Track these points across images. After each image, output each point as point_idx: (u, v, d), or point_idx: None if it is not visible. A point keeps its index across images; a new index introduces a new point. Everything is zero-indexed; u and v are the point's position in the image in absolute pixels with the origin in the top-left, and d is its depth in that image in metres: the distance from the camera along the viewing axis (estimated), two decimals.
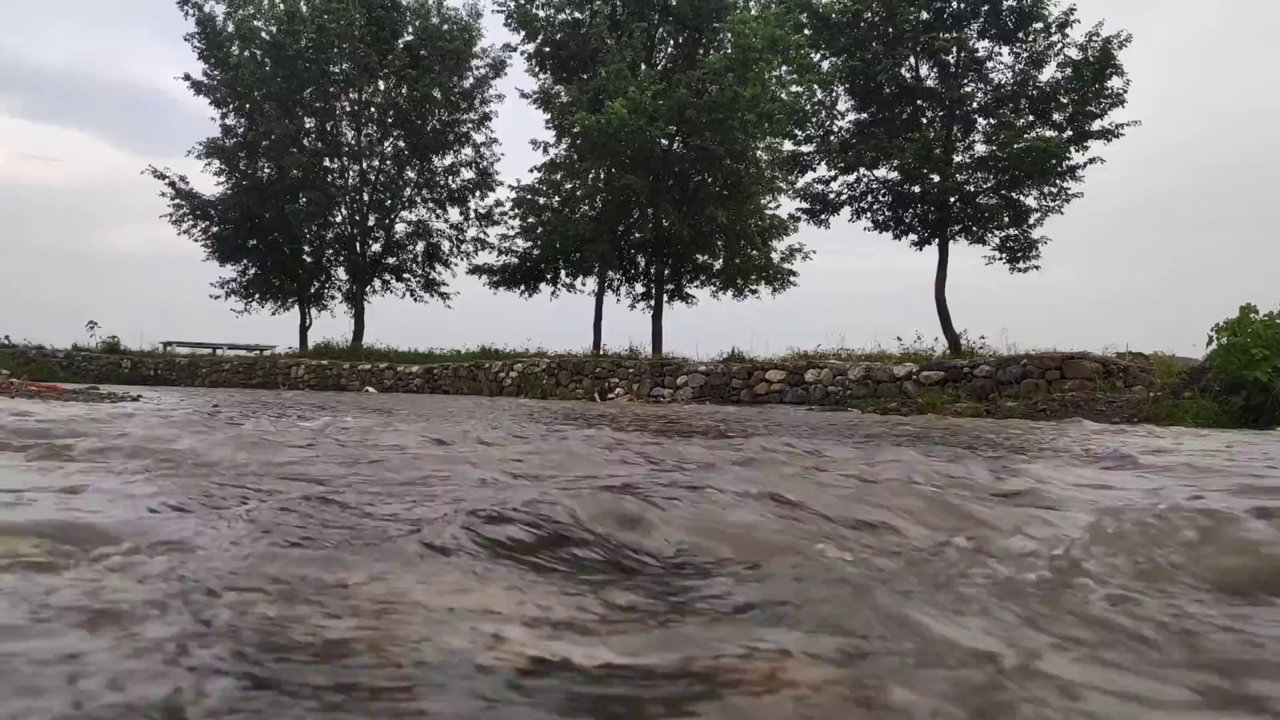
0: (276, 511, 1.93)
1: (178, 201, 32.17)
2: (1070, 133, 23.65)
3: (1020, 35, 24.04)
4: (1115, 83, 23.19)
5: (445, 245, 33.90)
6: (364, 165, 33.26)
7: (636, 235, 28.93)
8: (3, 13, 73.70)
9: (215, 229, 32.53)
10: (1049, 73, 23.98)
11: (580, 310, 46.49)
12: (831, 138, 25.93)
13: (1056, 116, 23.85)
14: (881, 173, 25.41)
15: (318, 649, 1.01)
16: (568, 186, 28.67)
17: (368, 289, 33.90)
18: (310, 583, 1.30)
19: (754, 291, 28.70)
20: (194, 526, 1.80)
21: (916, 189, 25.20)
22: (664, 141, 26.71)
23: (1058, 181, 23.87)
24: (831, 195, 26.32)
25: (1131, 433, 9.65)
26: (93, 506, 2.15)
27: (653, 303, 29.11)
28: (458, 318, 44.53)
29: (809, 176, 26.68)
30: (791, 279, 28.40)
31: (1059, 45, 23.78)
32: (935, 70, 24.93)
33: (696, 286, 29.43)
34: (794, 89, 25.87)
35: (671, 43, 28.84)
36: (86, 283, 67.39)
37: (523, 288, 30.32)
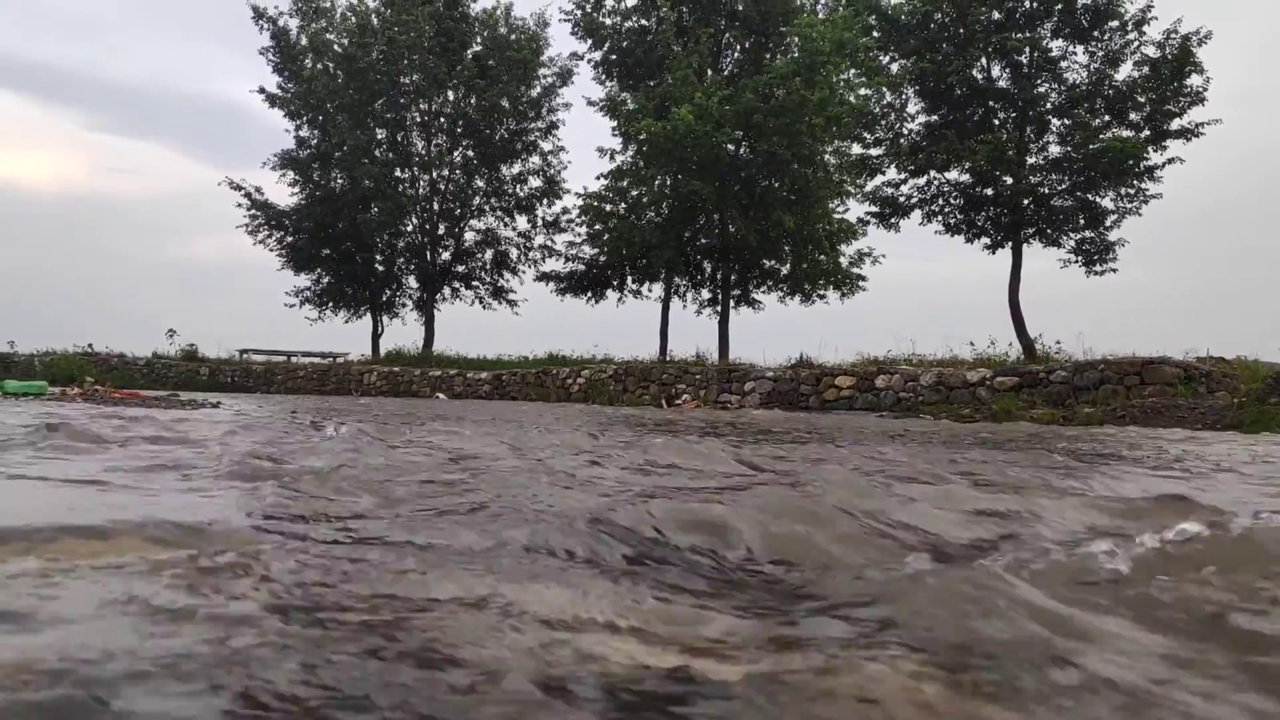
0: None
1: (253, 212, 32.93)
2: (1148, 132, 23.10)
3: (1095, 34, 23.56)
4: (1194, 81, 22.61)
5: (513, 253, 34.28)
6: (434, 175, 33.73)
7: (703, 241, 28.90)
8: (89, 32, 76.26)
9: (290, 239, 33.22)
10: (1125, 71, 23.48)
11: (646, 316, 46.58)
12: (901, 140, 25.67)
13: (1133, 116, 23.31)
14: (953, 175, 25.12)
15: None
16: (634, 193, 28.70)
17: (438, 297, 34.34)
18: None
19: (822, 296, 28.42)
20: None
21: (989, 191, 24.82)
22: (730, 147, 26.60)
23: (1135, 182, 23.33)
24: (901, 198, 26.07)
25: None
26: None
27: (719, 308, 29.00)
28: (525, 324, 44.83)
29: (878, 180, 26.46)
30: (860, 283, 28.09)
31: (1135, 43, 23.27)
32: (1007, 71, 24.54)
33: (763, 292, 29.28)
34: (862, 92, 25.61)
35: (738, 48, 28.77)
36: (166, 291, 69.29)
37: (589, 294, 30.46)
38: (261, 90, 32.74)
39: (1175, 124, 22.96)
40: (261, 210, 32.96)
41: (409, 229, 33.97)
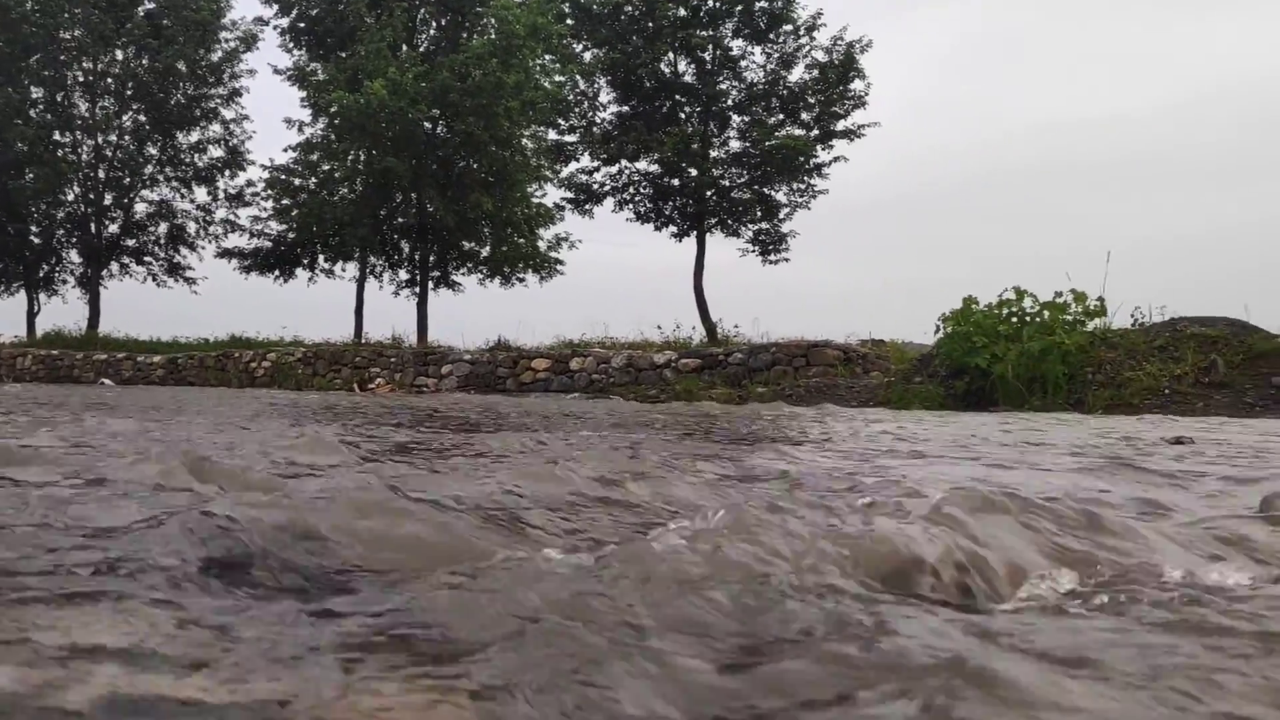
0: None
1: None
2: (817, 131, 24.96)
3: (771, 36, 25.12)
4: (857, 85, 24.65)
5: (191, 227, 32.03)
6: (100, 140, 30.86)
7: (400, 220, 28.33)
8: None
9: None
10: (797, 74, 25.21)
11: (342, 297, 45.01)
12: (594, 128, 26.28)
13: (805, 116, 25.10)
14: (642, 165, 26.00)
15: None
16: (325, 168, 27.69)
17: (104, 273, 31.56)
18: None
19: (521, 279, 28.64)
20: None
21: (676, 182, 25.91)
22: (427, 125, 26.23)
23: (805, 178, 25.15)
24: (595, 185, 26.68)
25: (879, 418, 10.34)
26: None
27: (417, 289, 28.58)
28: (206, 305, 42.24)
29: (573, 166, 26.96)
30: (558, 267, 28.55)
31: (807, 48, 25.02)
32: (693, 67, 25.70)
33: (463, 274, 29.10)
34: (557, 78, 26.01)
35: (434, 24, 28.33)
36: None
37: (277, 273, 29.06)
38: None
39: (841, 125, 24.96)
40: None
41: (70, 198, 30.91)
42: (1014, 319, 16.07)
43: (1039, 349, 15.23)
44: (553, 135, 27.20)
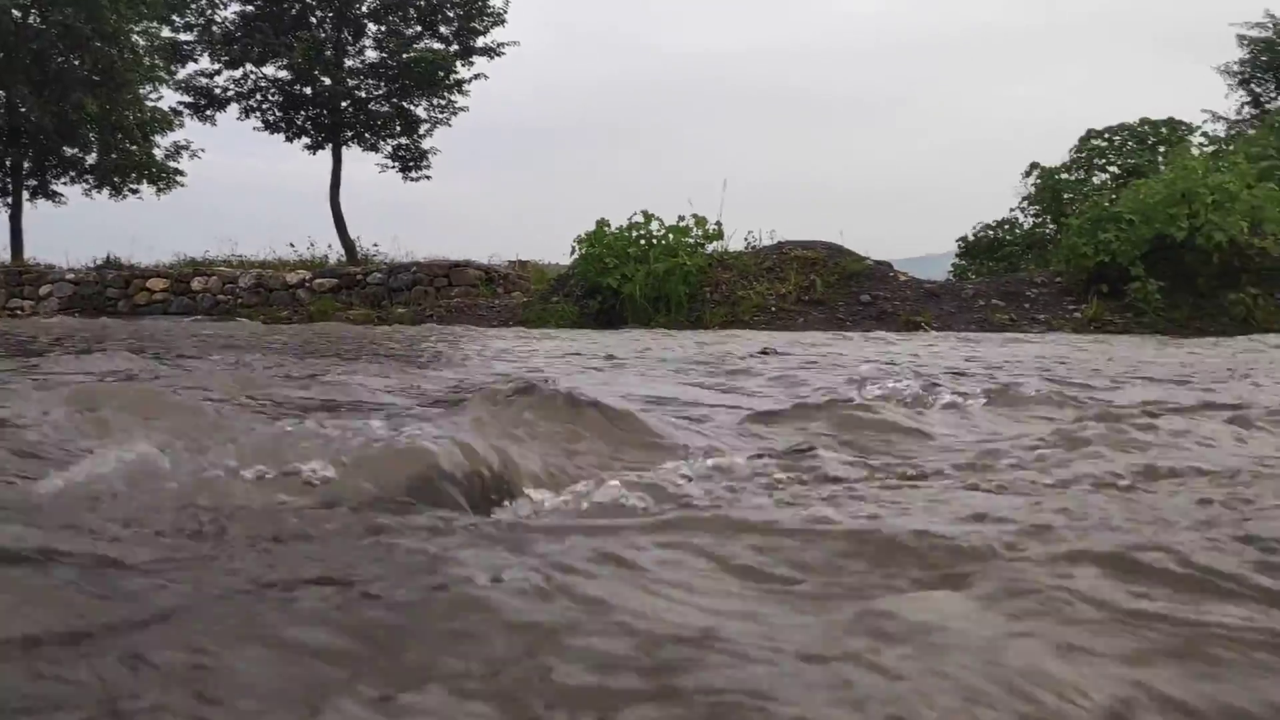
0: None
1: None
2: (456, 46, 24.53)
3: None
4: (496, 1, 24.38)
5: None
6: None
7: None
8: None
9: None
10: None
11: None
12: (214, 27, 24.25)
13: (444, 29, 24.55)
14: (270, 71, 24.43)
15: None
16: None
17: None
18: None
19: (135, 191, 26.39)
20: None
21: (308, 91, 24.61)
22: (16, 13, 23.30)
23: (445, 94, 24.72)
24: (217, 90, 24.74)
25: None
26: None
27: (10, 200, 25.49)
28: None
29: (192, 68, 24.84)
30: (178, 179, 26.50)
31: None
32: None
33: (65, 183, 26.30)
34: None
35: None
36: None
37: None
38: None
39: (480, 41, 24.62)
40: None
41: None
42: (643, 241, 16.92)
43: (663, 270, 16.18)
44: (167, 33, 24.91)
